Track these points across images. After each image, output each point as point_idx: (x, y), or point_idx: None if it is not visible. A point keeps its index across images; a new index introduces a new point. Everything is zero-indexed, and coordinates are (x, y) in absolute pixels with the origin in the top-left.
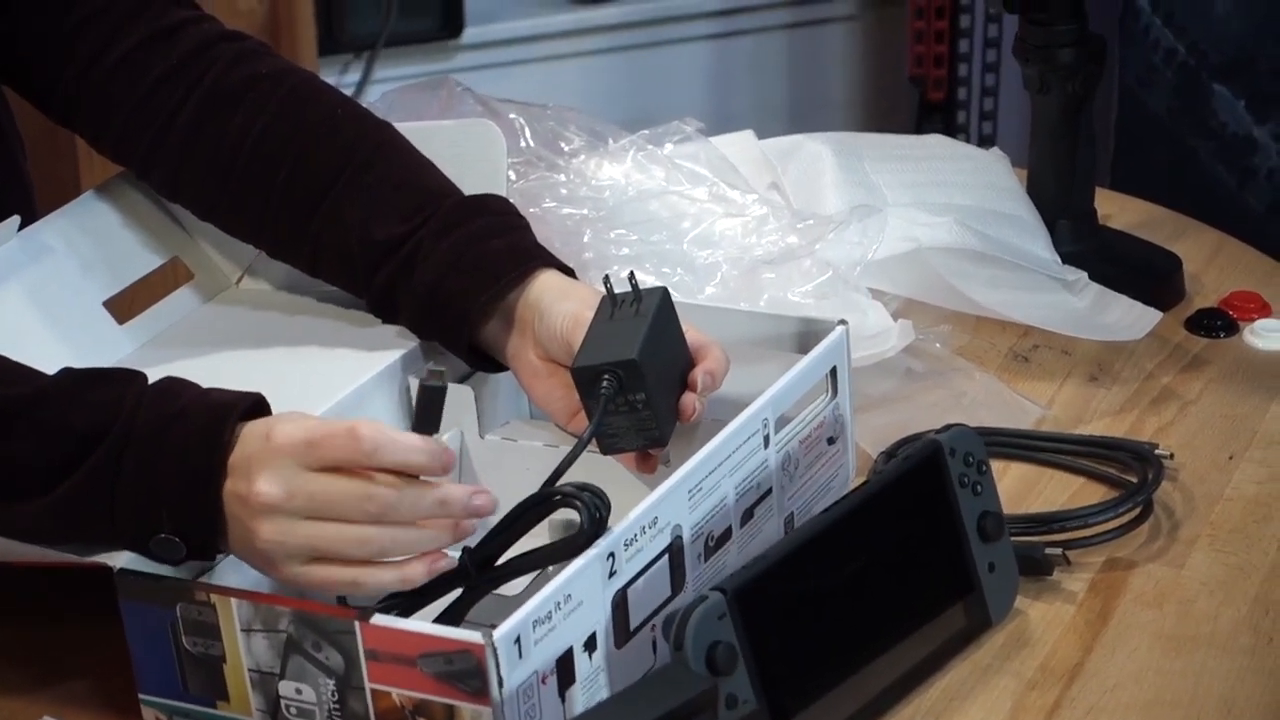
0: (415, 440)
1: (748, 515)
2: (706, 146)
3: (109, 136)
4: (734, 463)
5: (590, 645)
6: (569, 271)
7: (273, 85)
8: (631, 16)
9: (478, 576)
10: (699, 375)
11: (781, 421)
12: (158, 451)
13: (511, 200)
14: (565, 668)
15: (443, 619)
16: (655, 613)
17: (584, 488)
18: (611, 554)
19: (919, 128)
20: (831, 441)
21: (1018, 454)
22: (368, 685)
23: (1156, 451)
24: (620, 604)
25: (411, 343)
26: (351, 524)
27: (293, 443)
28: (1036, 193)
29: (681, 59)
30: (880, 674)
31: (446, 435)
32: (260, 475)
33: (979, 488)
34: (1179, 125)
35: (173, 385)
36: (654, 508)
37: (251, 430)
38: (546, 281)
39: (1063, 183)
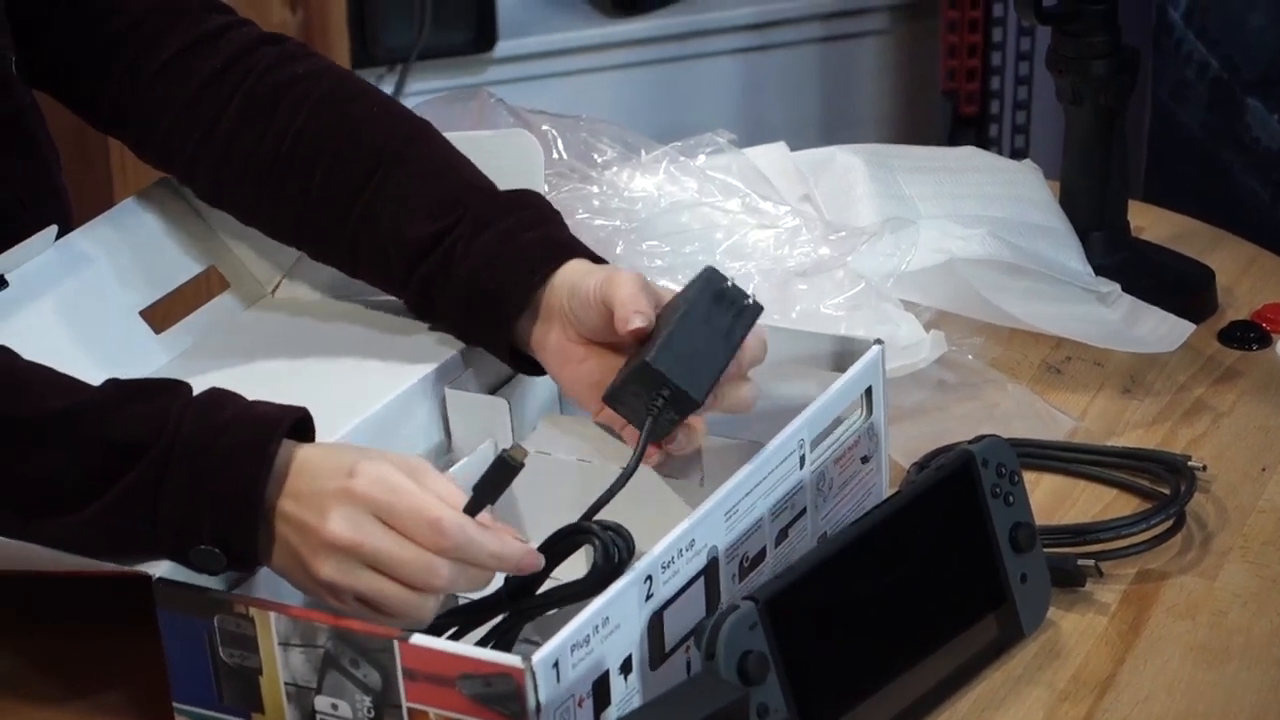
0: (497, 547)
1: (782, 535)
2: (739, 158)
3: (153, 143)
4: (770, 484)
5: (626, 667)
6: (602, 261)
7: (310, 86)
8: (663, 30)
9: (514, 606)
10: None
11: (816, 441)
12: (202, 464)
13: None
14: (601, 690)
15: (487, 638)
16: (690, 634)
17: (607, 526)
18: (649, 576)
19: (952, 141)
20: (865, 460)
21: (1050, 465)
22: (405, 704)
23: (1189, 463)
24: (656, 626)
25: (449, 352)
26: (408, 587)
27: (373, 497)
28: (1069, 204)
29: (713, 73)
30: (912, 685)
31: (480, 448)
32: (334, 514)
33: (1011, 498)
34: (1212, 139)
35: (218, 397)
36: (691, 530)
37: (322, 459)
38: (574, 266)
39: (1096, 194)
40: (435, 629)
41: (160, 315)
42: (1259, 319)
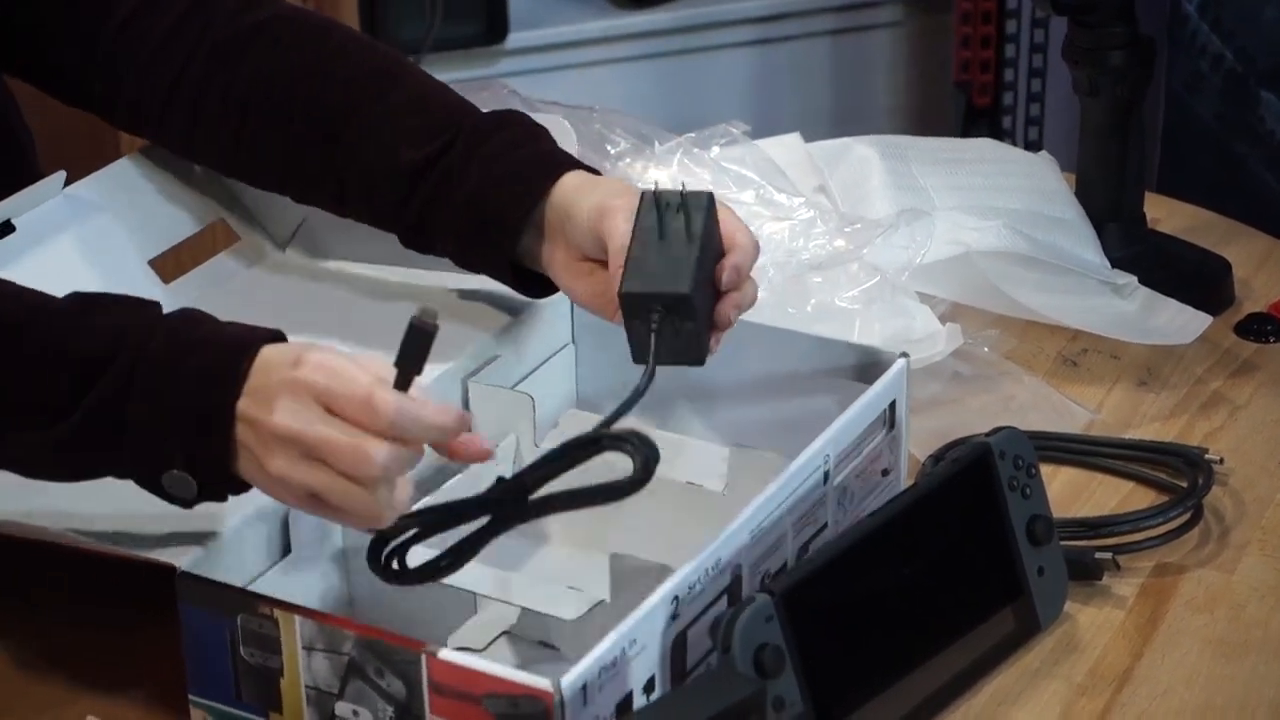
0: (434, 416)
1: (803, 550)
2: (753, 150)
3: (120, 106)
4: (794, 499)
5: (649, 687)
6: (595, 173)
7: (279, 28)
8: (675, 22)
9: (499, 510)
10: (724, 272)
11: (840, 456)
12: (171, 381)
13: None
14: (624, 709)
15: (463, 545)
16: (710, 653)
17: (633, 433)
18: (676, 598)
19: (965, 133)
20: (886, 473)
21: (1067, 458)
22: (428, 717)
23: (1207, 456)
24: (679, 645)
25: (473, 342)
26: (344, 476)
27: (313, 382)
28: (1085, 196)
29: (725, 65)
30: (928, 678)
31: (504, 441)
32: (279, 406)
33: (1028, 491)
34: (1226, 132)
35: (191, 315)
36: (718, 549)
37: (276, 353)
38: (568, 182)
39: (1112, 186)
40: (418, 521)
41: (170, 267)
42: (1276, 311)
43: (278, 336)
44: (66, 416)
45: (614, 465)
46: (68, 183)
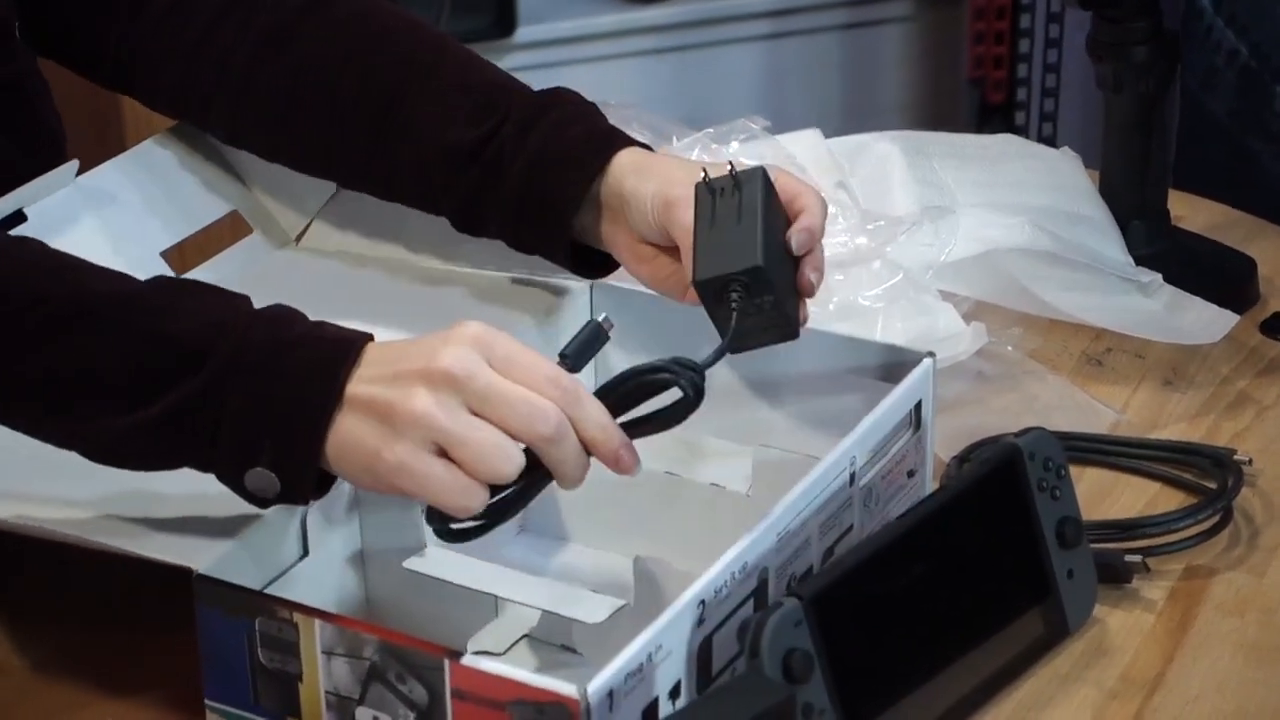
0: (604, 418)
1: (829, 553)
2: (772, 145)
3: (164, 90)
4: (820, 502)
5: (675, 693)
6: (648, 148)
7: (324, 12)
8: (684, 16)
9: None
10: (794, 236)
11: (866, 457)
12: (271, 377)
13: None
14: (649, 716)
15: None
16: (736, 657)
17: (677, 360)
18: (702, 602)
19: (979, 130)
20: (911, 474)
21: (1092, 458)
22: None
23: (1235, 457)
24: (705, 650)
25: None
26: (503, 434)
27: (488, 341)
28: (1109, 193)
29: (735, 60)
30: (957, 682)
31: None
32: (446, 351)
33: (1058, 493)
34: (1240, 128)
35: (285, 312)
36: (745, 553)
37: (382, 349)
38: (624, 162)
39: (1136, 183)
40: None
41: (183, 258)
42: None
43: (371, 338)
44: (159, 400)
45: None
46: (80, 172)
